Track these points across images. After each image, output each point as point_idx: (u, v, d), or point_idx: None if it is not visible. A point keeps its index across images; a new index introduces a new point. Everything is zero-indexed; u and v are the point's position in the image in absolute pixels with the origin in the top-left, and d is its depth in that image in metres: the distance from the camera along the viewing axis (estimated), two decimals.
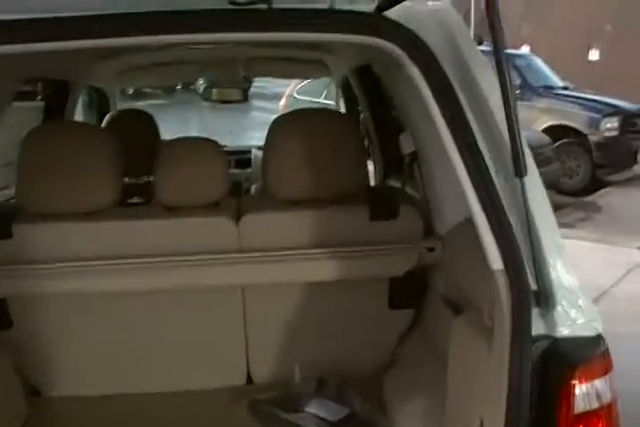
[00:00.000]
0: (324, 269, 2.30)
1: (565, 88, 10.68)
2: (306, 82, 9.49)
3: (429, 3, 1.74)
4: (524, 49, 13.84)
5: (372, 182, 3.45)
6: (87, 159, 2.24)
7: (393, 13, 1.67)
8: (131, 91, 14.23)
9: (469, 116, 1.56)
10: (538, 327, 1.45)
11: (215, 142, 2.42)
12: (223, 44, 3.06)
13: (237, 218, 2.34)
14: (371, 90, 3.47)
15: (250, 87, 4.89)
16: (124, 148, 2.90)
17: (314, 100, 9.53)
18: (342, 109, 4.40)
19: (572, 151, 9.74)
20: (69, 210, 2.26)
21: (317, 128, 2.31)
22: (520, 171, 1.46)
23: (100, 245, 2.28)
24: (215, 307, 2.44)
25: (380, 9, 1.67)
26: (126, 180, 3.52)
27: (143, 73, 3.94)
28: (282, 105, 10.32)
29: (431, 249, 2.32)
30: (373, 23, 1.60)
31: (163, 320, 2.44)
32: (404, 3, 1.64)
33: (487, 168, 1.51)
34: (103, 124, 3.57)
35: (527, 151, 1.48)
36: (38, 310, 2.37)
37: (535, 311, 1.45)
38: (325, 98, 9.44)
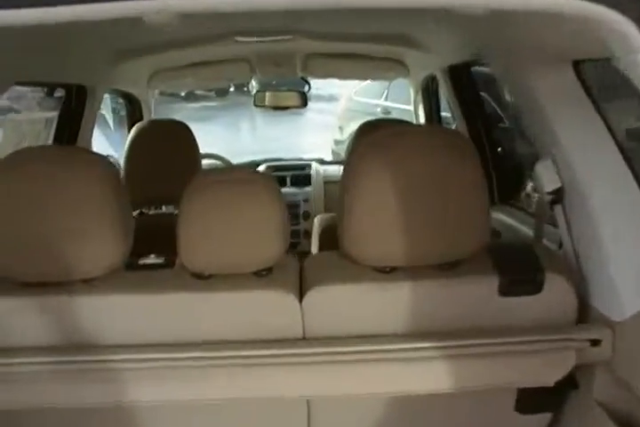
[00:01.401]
0: (427, 375, 1.49)
1: None
2: (366, 83, 8.71)
3: None
4: None
5: None
6: (78, 202, 1.49)
7: None
8: (182, 93, 13.79)
9: None
10: None
11: (270, 178, 1.62)
12: (280, 33, 2.32)
13: (301, 293, 1.55)
14: (472, 96, 2.69)
15: (309, 90, 4.12)
16: (151, 168, 2.27)
17: (375, 102, 8.75)
18: (421, 119, 3.61)
19: None
20: (58, 277, 1.52)
21: (420, 160, 1.48)
22: None
23: (101, 327, 1.54)
24: (268, 421, 1.67)
25: None
26: (150, 210, 2.85)
27: (179, 75, 3.20)
28: (341, 109, 9.63)
29: (595, 342, 1.51)
30: None
31: None
32: None
33: None
34: (128, 139, 2.83)
35: None
36: (21, 423, 1.65)
37: None
38: (386, 99, 8.67)
